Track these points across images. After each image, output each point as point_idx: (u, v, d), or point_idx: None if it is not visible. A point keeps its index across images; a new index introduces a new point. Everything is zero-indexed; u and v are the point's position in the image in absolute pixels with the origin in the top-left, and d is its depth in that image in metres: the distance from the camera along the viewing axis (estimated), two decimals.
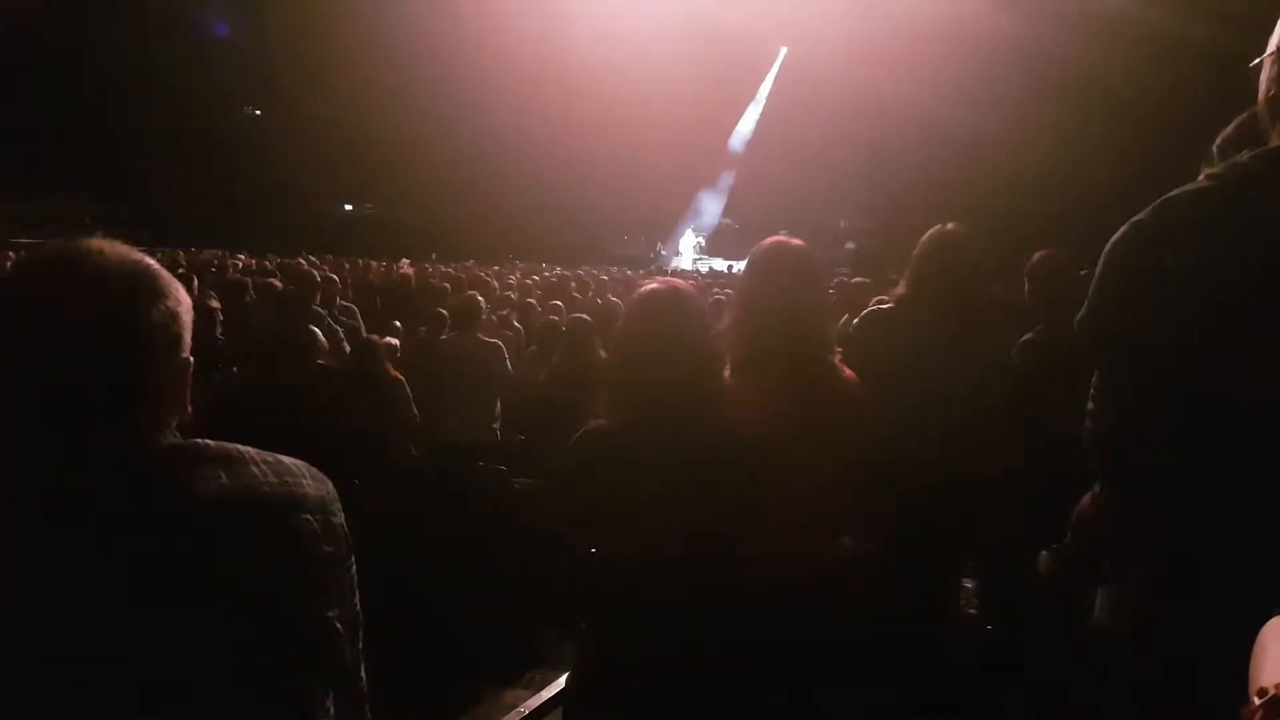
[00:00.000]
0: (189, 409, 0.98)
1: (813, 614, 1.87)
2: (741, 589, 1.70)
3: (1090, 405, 1.28)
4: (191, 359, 0.98)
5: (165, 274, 0.97)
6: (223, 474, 0.92)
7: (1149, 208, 1.20)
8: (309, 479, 1.01)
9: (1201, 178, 1.24)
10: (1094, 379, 1.28)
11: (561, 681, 2.04)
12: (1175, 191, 1.20)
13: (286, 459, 1.01)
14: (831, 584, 1.95)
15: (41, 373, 0.87)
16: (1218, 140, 2.05)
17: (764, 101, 32.35)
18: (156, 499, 0.89)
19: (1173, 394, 1.15)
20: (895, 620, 2.39)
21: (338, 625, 0.98)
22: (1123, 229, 1.20)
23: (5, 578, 0.82)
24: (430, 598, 3.60)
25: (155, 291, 0.93)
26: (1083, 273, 3.47)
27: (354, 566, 1.04)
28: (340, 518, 1.02)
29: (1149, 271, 1.17)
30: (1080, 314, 1.25)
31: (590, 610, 1.82)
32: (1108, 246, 1.22)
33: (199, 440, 0.95)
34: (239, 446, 0.97)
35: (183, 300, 0.97)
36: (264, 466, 0.97)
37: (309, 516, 0.97)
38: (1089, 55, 18.82)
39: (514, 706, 2.51)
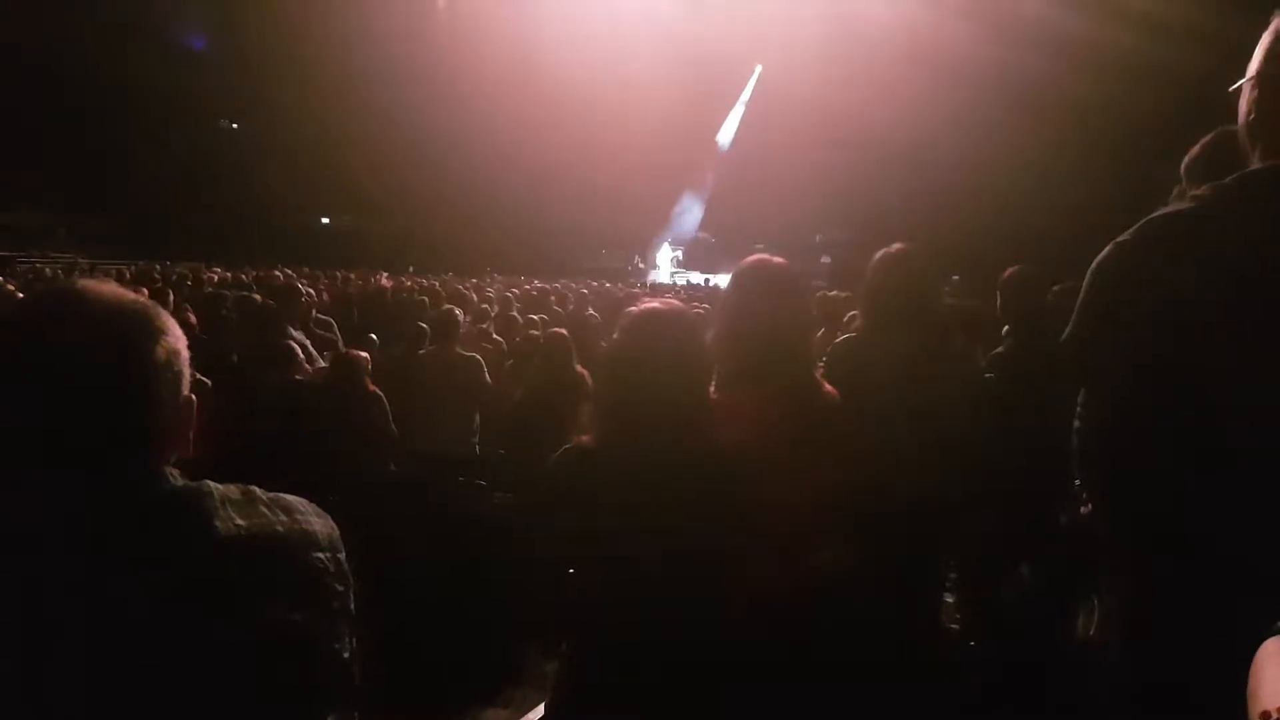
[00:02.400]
0: (190, 448, 0.98)
1: (795, 629, 1.87)
2: (725, 606, 1.69)
3: (1076, 424, 1.29)
4: (194, 397, 0.98)
5: (162, 311, 0.97)
6: (237, 515, 0.93)
7: (1132, 228, 1.21)
8: (315, 516, 1.03)
9: (1180, 197, 1.26)
10: (1080, 398, 1.29)
11: (542, 707, 2.02)
12: (1159, 212, 1.21)
13: (288, 496, 1.02)
14: (815, 599, 1.95)
15: (48, 417, 0.86)
16: (1185, 161, 2.09)
17: (740, 118, 32.60)
18: (178, 540, 0.89)
19: (1160, 412, 1.16)
20: (876, 635, 2.39)
21: (351, 659, 1.00)
22: (1106, 250, 1.22)
23: (30, 622, 0.81)
24: (409, 614, 3.56)
25: (155, 330, 0.93)
26: (1055, 288, 3.52)
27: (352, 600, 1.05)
28: (343, 553, 1.04)
29: (1133, 292, 1.18)
30: (1065, 334, 1.26)
31: (570, 631, 1.81)
32: (1092, 267, 1.23)
33: (207, 482, 0.95)
34: (245, 486, 0.98)
35: (181, 337, 0.97)
36: (273, 506, 0.98)
37: (321, 555, 0.99)
38: (1062, 75, 19.15)
39: None
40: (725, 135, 32.77)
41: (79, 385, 0.87)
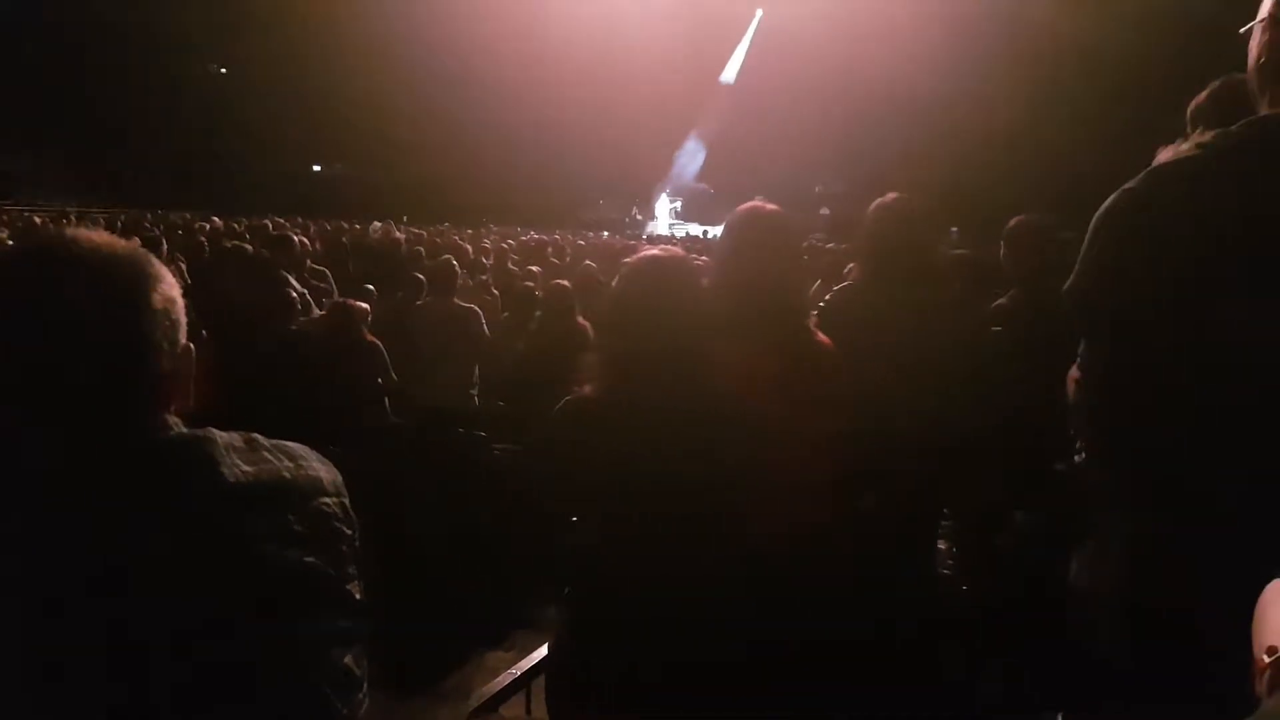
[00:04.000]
0: (191, 397, 0.98)
1: (793, 578, 1.89)
2: (725, 551, 1.71)
3: (1077, 373, 1.29)
4: (192, 345, 0.97)
5: (155, 260, 0.95)
6: (242, 461, 0.93)
7: (1139, 176, 1.19)
8: (318, 462, 1.03)
9: (1189, 145, 1.23)
10: (1081, 348, 1.28)
11: (545, 648, 2.05)
12: (1166, 159, 1.19)
13: (290, 443, 1.02)
14: (812, 546, 1.97)
15: (46, 367, 0.85)
16: (1191, 107, 2.06)
17: (740, 64, 32.06)
18: (186, 487, 0.89)
19: (1165, 363, 1.15)
20: (871, 582, 2.42)
21: (362, 599, 1.01)
22: (1112, 197, 1.20)
23: (41, 577, 0.81)
24: (410, 562, 3.60)
25: (151, 277, 0.92)
26: (1062, 236, 3.50)
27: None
28: (347, 498, 1.04)
29: (1140, 241, 1.16)
30: (1068, 283, 1.25)
31: (572, 576, 1.83)
32: (1098, 215, 1.21)
33: (210, 429, 0.94)
34: (249, 434, 0.98)
35: (175, 285, 0.96)
36: (278, 453, 0.98)
37: (328, 499, 1.00)
38: (1063, 20, 18.82)
39: (498, 670, 2.53)
40: (724, 83, 32.24)
41: (76, 334, 0.86)
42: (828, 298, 2.78)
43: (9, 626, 0.80)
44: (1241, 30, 1.25)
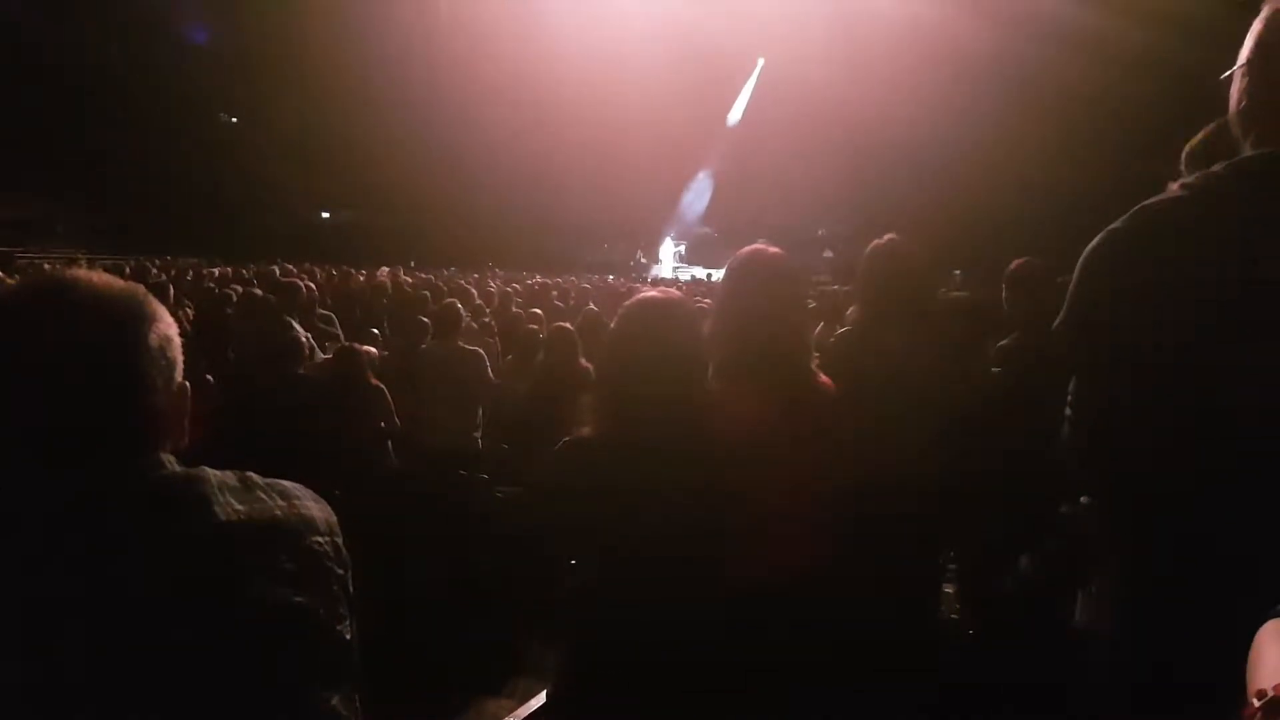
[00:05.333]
0: (185, 436, 0.98)
1: (794, 620, 1.88)
2: (724, 594, 1.70)
3: (1068, 412, 1.30)
4: (187, 384, 0.98)
5: (153, 298, 0.96)
6: (235, 500, 0.93)
7: (1124, 216, 1.21)
8: (311, 501, 1.03)
9: (1175, 186, 1.26)
10: (1071, 387, 1.30)
11: (545, 694, 2.03)
12: (1150, 200, 1.22)
13: (284, 482, 1.02)
14: (813, 589, 1.96)
15: (39, 405, 0.86)
16: (1186, 150, 2.10)
17: (742, 111, 32.53)
18: (176, 526, 0.89)
19: (1150, 402, 1.16)
20: (876, 624, 2.40)
21: (352, 641, 1.01)
22: (1099, 237, 1.22)
23: (29, 612, 0.81)
24: (412, 606, 3.58)
25: (146, 316, 0.93)
26: (1060, 280, 3.52)
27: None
28: (341, 538, 1.04)
29: (1125, 280, 1.18)
30: (1056, 322, 1.27)
31: (571, 620, 1.82)
32: (1084, 255, 1.24)
33: (204, 468, 0.95)
34: (244, 473, 0.98)
35: (173, 324, 0.97)
36: (271, 491, 0.98)
37: (320, 539, 1.00)
38: (1064, 66, 19.11)
39: (498, 717, 2.50)
40: (728, 130, 32.68)
41: (70, 372, 0.86)
42: (829, 343, 2.80)
43: (2, 659, 0.80)
44: (1222, 77, 1.28)
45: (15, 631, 0.81)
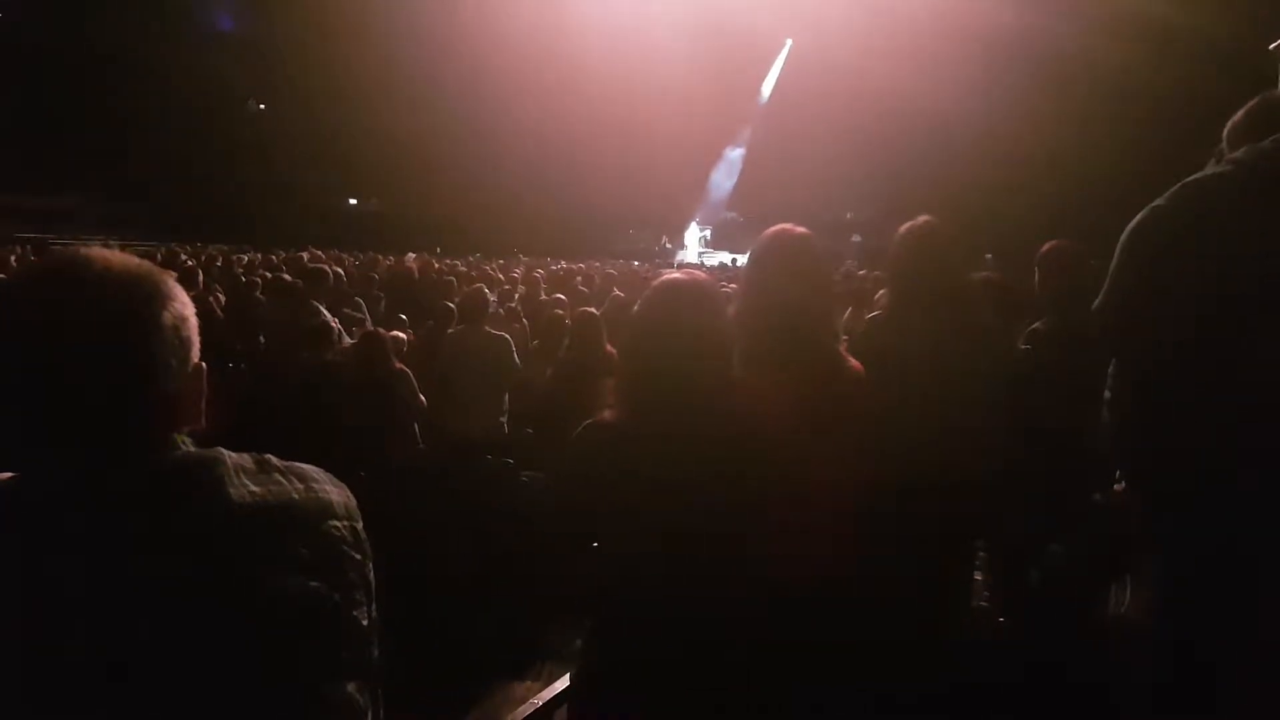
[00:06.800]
0: (203, 417, 0.96)
1: (819, 612, 1.85)
2: (746, 585, 1.68)
3: (1107, 394, 1.26)
4: (204, 364, 0.96)
5: (169, 278, 0.94)
6: (251, 483, 0.92)
7: (1168, 193, 1.17)
8: (330, 485, 1.01)
9: (1218, 162, 1.21)
10: (1111, 368, 1.25)
11: (568, 677, 2.03)
12: (1195, 176, 1.17)
13: (304, 465, 1.01)
14: (839, 582, 1.93)
15: (52, 384, 0.85)
16: (1227, 127, 2.03)
17: (770, 93, 32.24)
18: (190, 507, 0.88)
19: (1194, 383, 1.12)
20: (904, 617, 2.37)
21: (371, 628, 0.99)
22: (1141, 215, 1.18)
23: (39, 594, 0.81)
24: (436, 590, 3.60)
25: (161, 295, 0.91)
26: (1094, 262, 3.44)
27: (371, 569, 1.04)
28: (360, 523, 1.02)
29: (1170, 258, 1.14)
30: (1096, 303, 1.23)
31: (594, 605, 1.81)
32: (1126, 233, 1.19)
33: (220, 449, 0.93)
34: (261, 455, 0.97)
35: (189, 304, 0.95)
36: (289, 474, 0.96)
37: (338, 523, 0.98)
38: (1093, 46, 18.73)
39: (523, 700, 2.50)
40: (755, 112, 32.40)
41: (82, 350, 0.85)
42: (859, 328, 2.75)
43: (11, 647, 0.80)
44: (1272, 46, 1.23)
45: (27, 618, 0.80)
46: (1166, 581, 1.23)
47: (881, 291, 4.51)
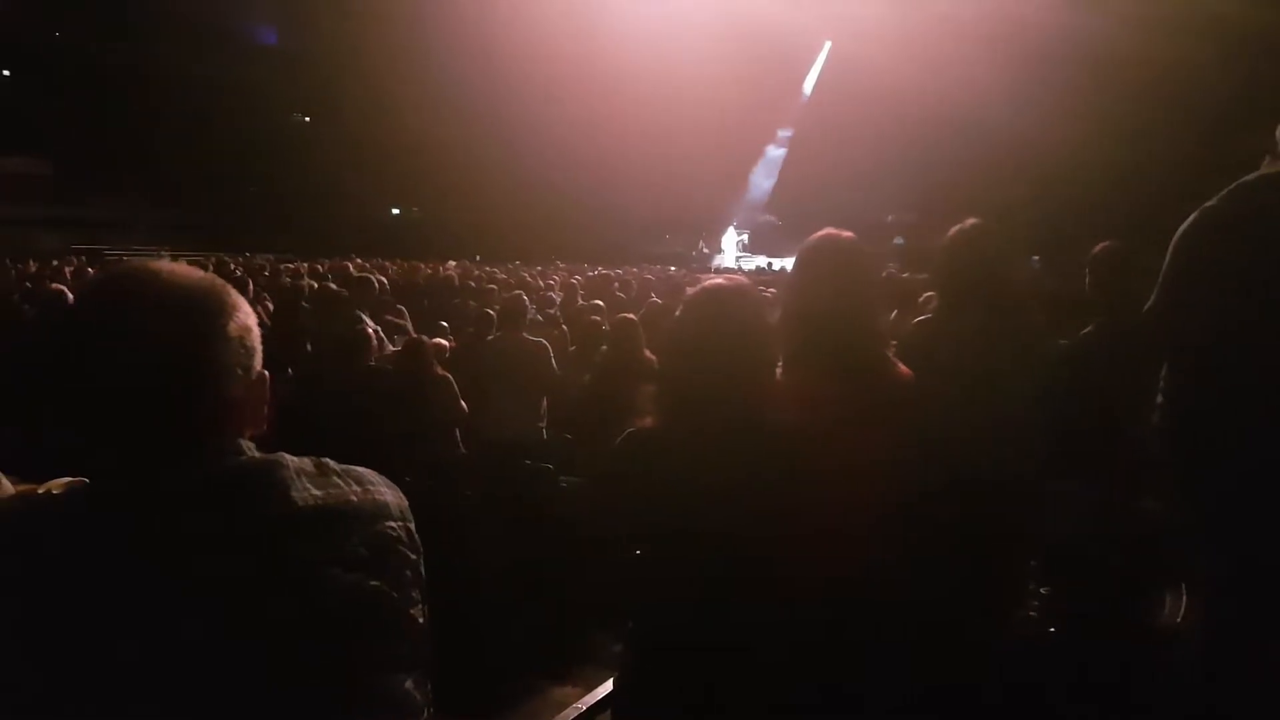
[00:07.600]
0: (264, 423, 1.00)
1: (866, 617, 1.83)
2: (791, 591, 1.66)
3: (1159, 399, 1.23)
4: (266, 373, 1.00)
5: (232, 289, 0.98)
6: (312, 485, 0.95)
7: (1220, 195, 1.14)
8: (385, 487, 1.04)
9: (1272, 164, 1.18)
10: (1163, 372, 1.22)
11: (610, 683, 2.03)
12: (1249, 177, 1.14)
13: (359, 468, 1.03)
14: (885, 586, 1.91)
15: (121, 393, 0.88)
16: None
17: (809, 96, 32.05)
18: (256, 511, 0.91)
19: (1248, 386, 1.09)
20: (948, 623, 2.33)
21: (426, 625, 1.02)
22: (1193, 216, 1.15)
23: (105, 598, 0.83)
24: (478, 595, 3.62)
25: (226, 306, 0.95)
26: (1146, 265, 3.36)
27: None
28: (413, 523, 1.05)
29: (1223, 260, 1.11)
30: (1149, 305, 1.20)
31: (636, 611, 1.80)
32: (1178, 234, 1.16)
33: (282, 454, 0.97)
34: (318, 459, 1.00)
35: (252, 314, 0.99)
36: (346, 477, 1.00)
37: (394, 524, 1.01)
38: (1139, 44, 18.32)
39: (564, 705, 2.51)
40: (793, 115, 32.22)
41: (151, 360, 0.88)
42: (906, 332, 2.72)
43: (75, 647, 0.82)
44: None
45: (89, 621, 0.83)
46: (1220, 588, 1.20)
47: (927, 294, 4.46)
